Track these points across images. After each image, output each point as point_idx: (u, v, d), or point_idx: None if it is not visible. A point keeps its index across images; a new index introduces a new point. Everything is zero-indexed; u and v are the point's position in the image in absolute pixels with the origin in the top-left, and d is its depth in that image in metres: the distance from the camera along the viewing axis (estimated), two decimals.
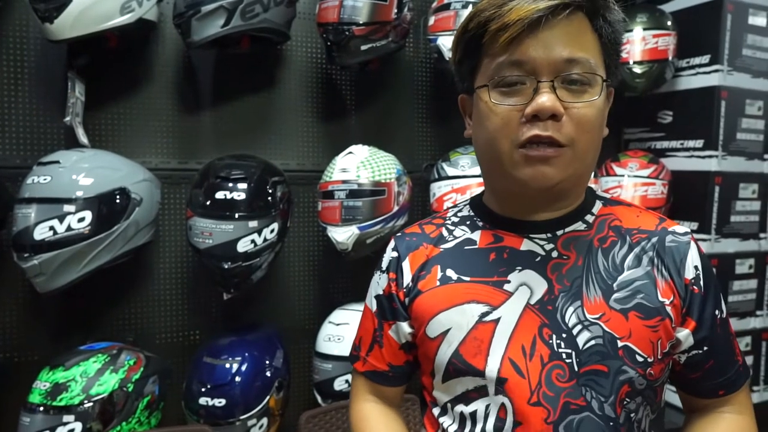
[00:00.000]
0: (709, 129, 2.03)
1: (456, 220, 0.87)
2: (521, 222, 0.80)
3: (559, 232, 0.79)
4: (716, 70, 2.02)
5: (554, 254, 0.78)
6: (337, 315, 1.77)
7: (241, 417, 1.52)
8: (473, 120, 0.80)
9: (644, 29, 2.03)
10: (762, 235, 2.14)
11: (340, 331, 1.71)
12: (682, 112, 2.15)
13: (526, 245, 0.79)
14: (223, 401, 1.50)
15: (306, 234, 1.93)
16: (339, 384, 1.66)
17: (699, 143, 2.07)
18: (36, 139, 1.62)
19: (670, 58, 2.03)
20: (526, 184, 0.73)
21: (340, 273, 1.97)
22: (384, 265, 0.89)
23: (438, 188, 1.82)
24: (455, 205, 0.92)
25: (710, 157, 2.03)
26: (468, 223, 0.86)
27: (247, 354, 1.58)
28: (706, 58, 2.05)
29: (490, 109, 0.73)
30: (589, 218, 0.81)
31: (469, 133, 0.83)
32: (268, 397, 1.57)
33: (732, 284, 2.08)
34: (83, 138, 1.56)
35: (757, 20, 2.05)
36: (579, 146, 0.71)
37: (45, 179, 1.37)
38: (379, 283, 0.89)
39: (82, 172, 1.40)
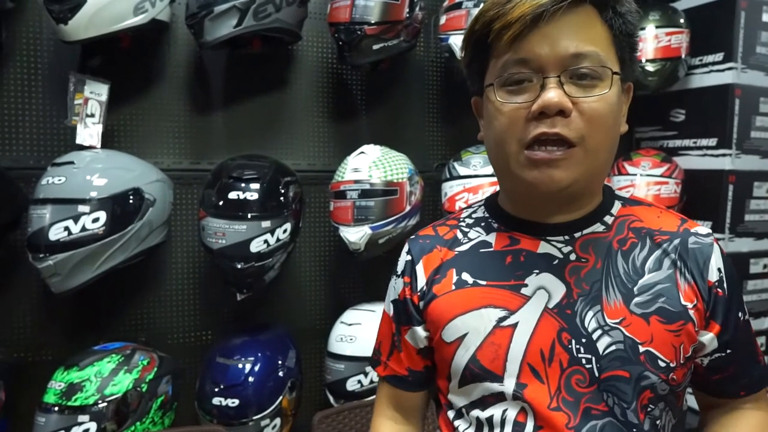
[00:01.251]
0: (723, 127, 2.01)
1: (470, 221, 0.86)
2: (537, 224, 0.78)
3: (577, 234, 0.77)
4: (730, 68, 2.00)
5: (572, 257, 0.76)
6: (349, 315, 1.77)
7: (254, 417, 1.52)
8: (484, 121, 0.79)
9: (657, 27, 2.01)
10: None
11: (352, 331, 1.71)
12: (695, 111, 2.13)
13: (543, 248, 0.77)
14: (237, 401, 1.50)
15: (317, 234, 1.93)
16: (351, 384, 1.66)
17: (712, 142, 2.05)
18: (49, 139, 1.62)
19: (683, 56, 2.01)
20: (534, 188, 0.71)
21: (351, 273, 1.97)
22: (399, 269, 0.88)
23: (450, 188, 1.81)
24: (469, 206, 0.91)
25: (724, 155, 2.01)
26: (483, 224, 0.84)
27: (259, 354, 1.58)
28: (719, 56, 2.03)
29: (497, 108, 0.72)
30: (608, 219, 0.79)
31: (482, 135, 0.81)
32: (281, 398, 1.57)
33: (747, 284, 2.06)
34: (90, 140, 1.54)
35: None
36: (590, 143, 0.69)
37: (59, 180, 1.38)
38: (395, 288, 0.88)
39: (96, 172, 1.41)
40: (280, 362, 1.61)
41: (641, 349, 0.71)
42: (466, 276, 0.80)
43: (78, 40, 1.40)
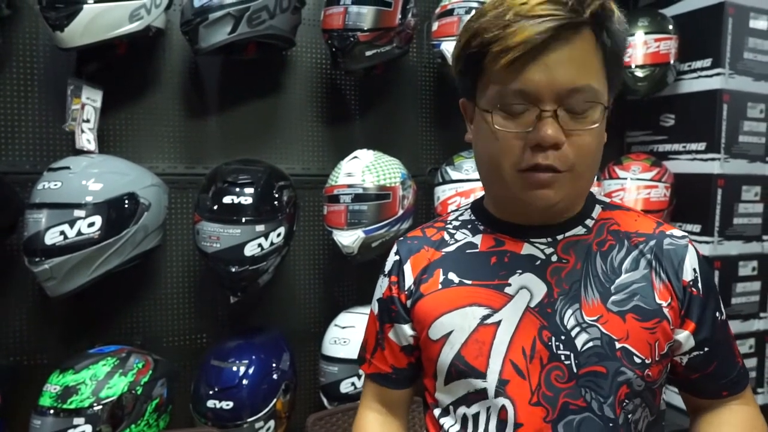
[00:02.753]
0: (712, 132, 2.05)
1: (457, 224, 0.89)
2: (522, 226, 0.81)
3: (560, 237, 0.81)
4: (718, 74, 2.03)
5: (554, 258, 0.79)
6: (343, 318, 1.78)
7: (249, 419, 1.54)
8: (474, 132, 0.81)
9: (646, 33, 2.04)
10: (765, 237, 2.15)
11: (345, 334, 1.72)
12: (684, 116, 2.16)
13: (526, 249, 0.80)
14: (231, 404, 1.52)
15: (312, 238, 1.95)
16: (345, 387, 1.68)
17: (701, 146, 2.08)
18: (45, 145, 1.64)
19: (672, 61, 2.04)
20: (529, 205, 0.75)
21: (345, 276, 1.99)
22: (387, 269, 0.91)
23: (442, 192, 1.84)
24: (457, 209, 0.94)
25: (713, 160, 2.04)
26: (469, 226, 0.87)
27: (254, 357, 1.60)
28: (707, 62, 2.06)
29: (493, 132, 0.73)
30: (589, 222, 0.82)
31: (470, 137, 0.83)
32: (275, 400, 1.58)
33: (735, 286, 2.09)
34: (87, 145, 1.56)
35: (758, 24, 2.07)
36: (578, 170, 0.73)
37: (55, 185, 1.39)
38: (381, 287, 0.91)
39: (92, 177, 1.42)
40: (274, 365, 1.62)
41: (617, 345, 0.74)
42: (452, 276, 0.82)
43: (74, 47, 1.41)
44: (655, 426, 0.82)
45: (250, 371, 1.56)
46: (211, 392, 1.54)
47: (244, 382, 1.54)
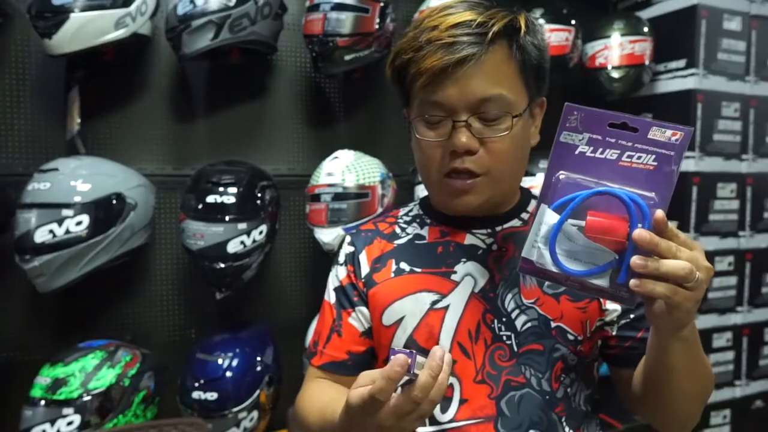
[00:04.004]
0: None
1: (408, 218, 0.96)
2: (464, 219, 0.88)
3: (498, 228, 0.88)
4: (692, 74, 2.08)
5: (494, 247, 0.87)
6: None
7: (233, 410, 1.59)
8: (412, 139, 0.88)
9: (621, 35, 2.09)
10: (741, 233, 2.20)
11: None
12: (661, 115, 2.21)
13: (469, 240, 0.88)
14: (215, 395, 1.58)
15: (297, 236, 2.01)
16: None
17: None
18: (37, 147, 1.70)
19: (647, 63, 2.09)
20: (453, 209, 0.85)
21: (329, 273, 2.03)
22: (341, 259, 0.97)
23: (422, 191, 1.89)
24: (406, 205, 1.01)
25: (688, 158, 2.10)
26: (418, 220, 0.94)
27: (238, 350, 1.66)
28: (682, 63, 2.12)
29: (418, 141, 0.83)
30: (524, 215, 0.91)
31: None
32: (258, 391, 1.64)
33: (712, 281, 2.14)
34: (82, 148, 1.65)
35: (731, 25, 2.12)
36: (494, 174, 0.81)
37: (45, 186, 1.45)
38: (337, 276, 0.97)
39: (80, 178, 1.48)
40: (258, 358, 1.68)
41: (553, 324, 0.81)
42: (403, 265, 0.89)
43: (62, 54, 1.47)
44: (590, 398, 0.88)
45: (234, 364, 1.62)
46: (196, 384, 1.59)
47: (228, 374, 1.60)
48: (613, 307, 0.84)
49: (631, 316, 0.85)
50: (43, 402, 1.41)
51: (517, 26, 0.80)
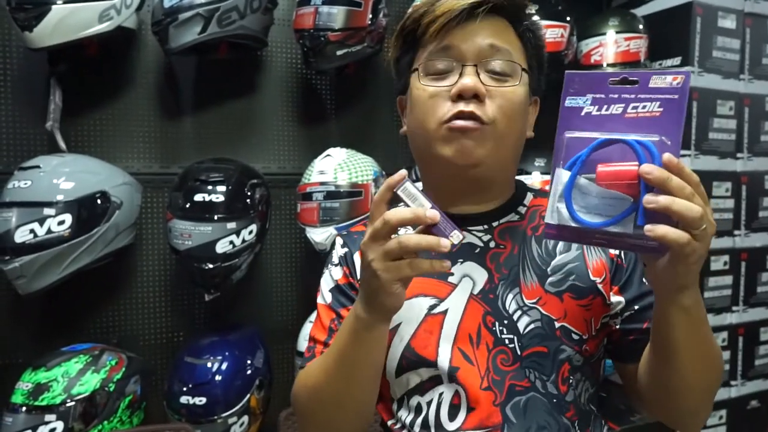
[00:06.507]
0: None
1: None
2: (459, 215, 0.84)
3: (495, 224, 0.85)
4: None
5: (492, 244, 0.83)
6: None
7: (222, 415, 1.55)
8: (408, 112, 0.86)
9: (617, 32, 2.07)
10: (736, 232, 2.18)
11: None
12: None
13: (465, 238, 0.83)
14: (204, 399, 1.53)
15: (287, 235, 1.97)
16: None
17: None
18: (18, 145, 1.65)
19: (642, 60, 2.07)
20: (450, 161, 0.78)
21: (320, 274, 1.99)
22: (335, 260, 0.92)
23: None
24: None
25: (683, 156, 2.08)
26: None
27: (227, 353, 1.61)
28: (677, 60, 2.10)
29: (420, 92, 0.80)
30: (522, 209, 0.87)
31: (405, 130, 0.88)
32: (248, 396, 1.60)
33: (708, 281, 2.13)
34: (62, 143, 1.59)
35: (726, 23, 2.11)
36: (500, 126, 0.77)
37: (25, 184, 1.40)
38: (332, 277, 0.92)
39: (63, 176, 1.44)
40: (248, 362, 1.64)
41: (557, 324, 0.78)
42: None
43: (43, 47, 1.42)
44: (596, 397, 0.86)
45: (223, 367, 1.58)
46: (184, 389, 1.55)
47: (217, 378, 1.56)
48: (617, 299, 0.82)
49: (635, 307, 0.82)
50: (24, 408, 1.35)
51: (527, 11, 0.83)
